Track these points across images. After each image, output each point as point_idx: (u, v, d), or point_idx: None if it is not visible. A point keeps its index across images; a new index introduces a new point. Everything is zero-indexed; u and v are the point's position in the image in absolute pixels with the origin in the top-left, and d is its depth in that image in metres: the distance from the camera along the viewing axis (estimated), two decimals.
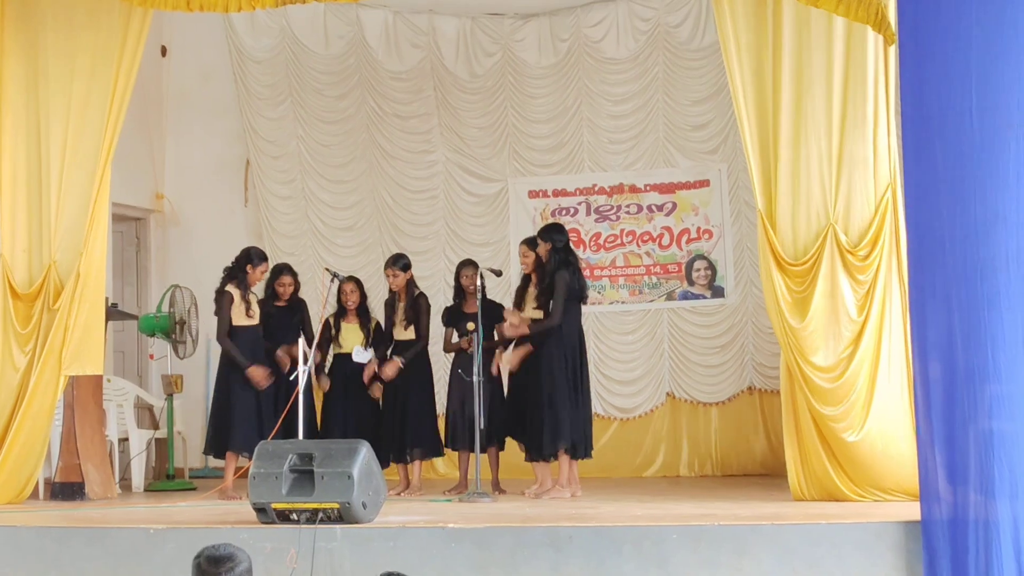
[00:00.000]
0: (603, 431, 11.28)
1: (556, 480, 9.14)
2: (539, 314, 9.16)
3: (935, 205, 6.51)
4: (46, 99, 9.01)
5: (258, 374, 9.31)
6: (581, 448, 9.10)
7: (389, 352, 9.74)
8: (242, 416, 9.34)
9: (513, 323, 9.16)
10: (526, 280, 9.45)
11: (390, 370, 9.60)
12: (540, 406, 9.03)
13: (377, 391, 9.70)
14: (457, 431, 9.63)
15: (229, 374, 9.46)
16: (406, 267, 9.76)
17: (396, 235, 12.18)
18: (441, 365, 10.25)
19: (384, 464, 8.59)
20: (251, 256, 9.63)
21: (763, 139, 8.37)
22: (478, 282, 9.27)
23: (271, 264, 9.83)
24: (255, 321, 9.52)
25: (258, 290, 9.70)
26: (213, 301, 9.58)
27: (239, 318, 9.45)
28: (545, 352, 9.07)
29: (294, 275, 9.92)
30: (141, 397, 11.22)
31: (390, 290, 9.83)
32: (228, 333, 9.42)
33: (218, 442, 9.49)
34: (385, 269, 9.85)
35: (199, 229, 12.53)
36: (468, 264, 9.82)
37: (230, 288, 9.47)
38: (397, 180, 12.32)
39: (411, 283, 9.78)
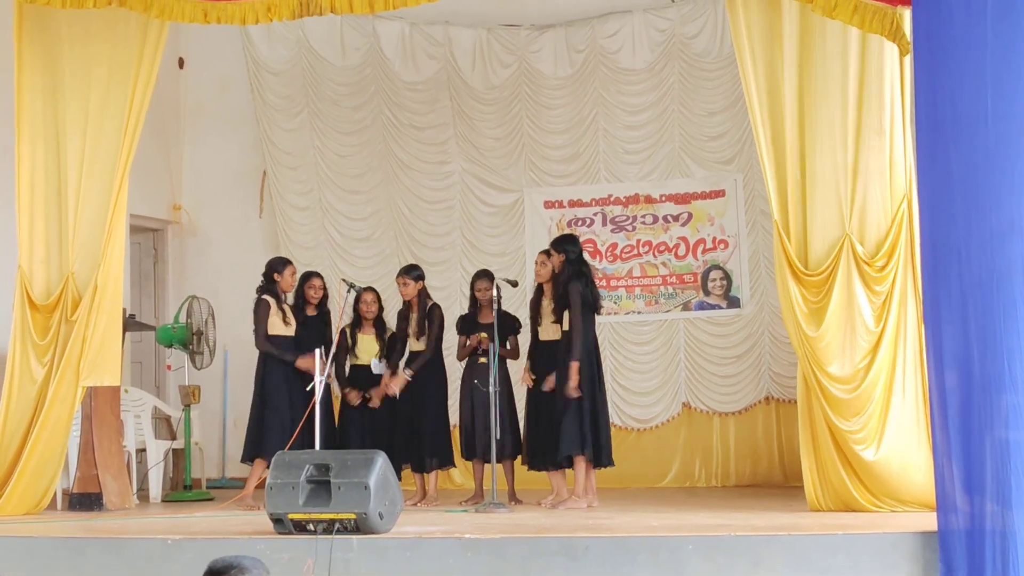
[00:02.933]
0: (620, 441, 11.20)
1: (572, 490, 9.15)
2: (555, 327, 9.19)
3: (950, 214, 6.50)
4: (63, 110, 9.05)
5: (306, 363, 9.20)
6: (606, 456, 9.12)
7: (403, 362, 9.78)
8: (275, 425, 9.37)
9: (572, 386, 8.96)
10: (539, 292, 9.46)
11: (395, 386, 9.64)
12: (556, 415, 9.04)
13: (377, 401, 9.71)
14: (471, 441, 9.64)
15: (265, 382, 9.50)
16: (419, 277, 9.78)
17: (412, 245, 12.20)
18: (456, 375, 10.24)
19: (399, 475, 8.59)
20: (275, 265, 9.72)
21: (779, 149, 8.35)
22: (494, 293, 9.29)
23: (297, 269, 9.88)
24: (291, 331, 9.58)
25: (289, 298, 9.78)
26: (253, 314, 9.61)
27: (276, 327, 9.51)
28: (561, 363, 9.08)
29: (323, 280, 9.98)
30: (159, 408, 11.23)
31: (404, 300, 9.85)
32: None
33: (251, 448, 9.51)
34: (397, 277, 9.89)
35: (216, 240, 12.58)
36: (483, 276, 9.82)
37: (266, 297, 9.52)
38: (413, 190, 12.35)
39: (423, 293, 9.80)
